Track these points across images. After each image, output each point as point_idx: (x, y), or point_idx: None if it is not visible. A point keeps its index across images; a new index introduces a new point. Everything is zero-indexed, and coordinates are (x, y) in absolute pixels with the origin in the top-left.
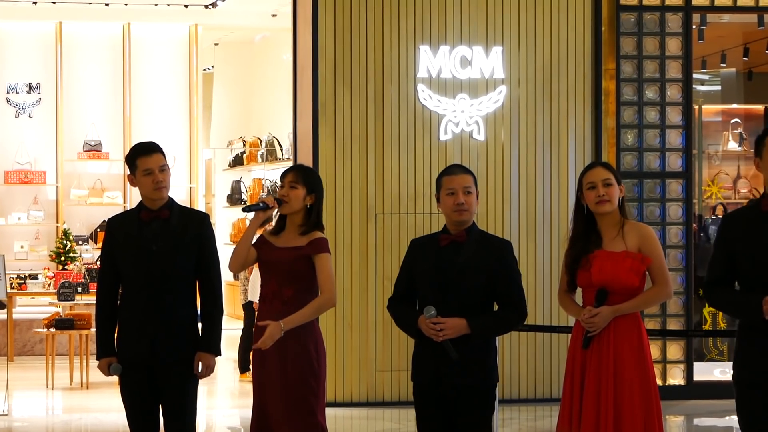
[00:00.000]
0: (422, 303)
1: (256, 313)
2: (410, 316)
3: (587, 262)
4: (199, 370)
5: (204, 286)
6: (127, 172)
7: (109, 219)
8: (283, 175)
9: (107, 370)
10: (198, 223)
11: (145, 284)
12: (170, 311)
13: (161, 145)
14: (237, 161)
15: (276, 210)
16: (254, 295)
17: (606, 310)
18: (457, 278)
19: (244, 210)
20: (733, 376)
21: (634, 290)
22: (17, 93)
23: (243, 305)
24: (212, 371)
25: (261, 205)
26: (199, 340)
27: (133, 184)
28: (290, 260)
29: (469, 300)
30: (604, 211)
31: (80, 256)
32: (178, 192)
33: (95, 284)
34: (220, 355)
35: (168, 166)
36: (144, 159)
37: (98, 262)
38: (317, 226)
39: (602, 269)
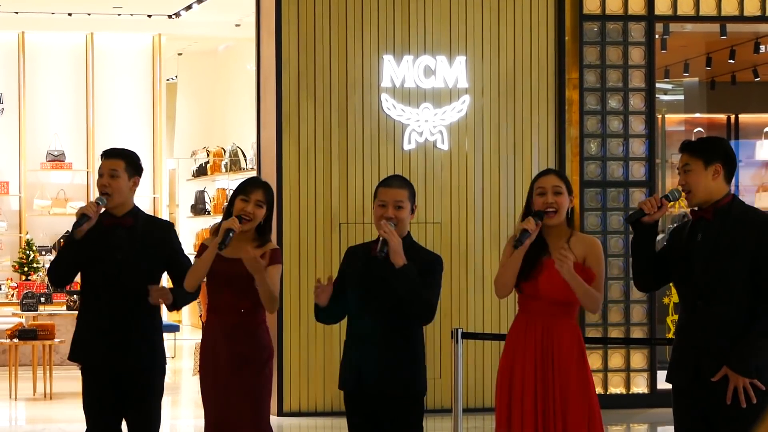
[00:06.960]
0: (350, 306)
1: (204, 324)
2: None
3: (535, 269)
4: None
5: (177, 282)
6: (92, 180)
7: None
8: (245, 190)
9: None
10: (163, 231)
11: (108, 291)
12: (132, 318)
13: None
14: (201, 171)
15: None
16: None
17: (570, 266)
18: (381, 284)
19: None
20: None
21: (575, 302)
22: None
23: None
24: (166, 298)
25: (230, 235)
26: (161, 350)
27: None
28: (249, 272)
29: (392, 302)
30: (551, 222)
31: (43, 266)
32: (142, 202)
33: (58, 294)
34: (172, 304)
35: (122, 172)
36: (102, 161)
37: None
38: (269, 238)
39: (551, 279)
